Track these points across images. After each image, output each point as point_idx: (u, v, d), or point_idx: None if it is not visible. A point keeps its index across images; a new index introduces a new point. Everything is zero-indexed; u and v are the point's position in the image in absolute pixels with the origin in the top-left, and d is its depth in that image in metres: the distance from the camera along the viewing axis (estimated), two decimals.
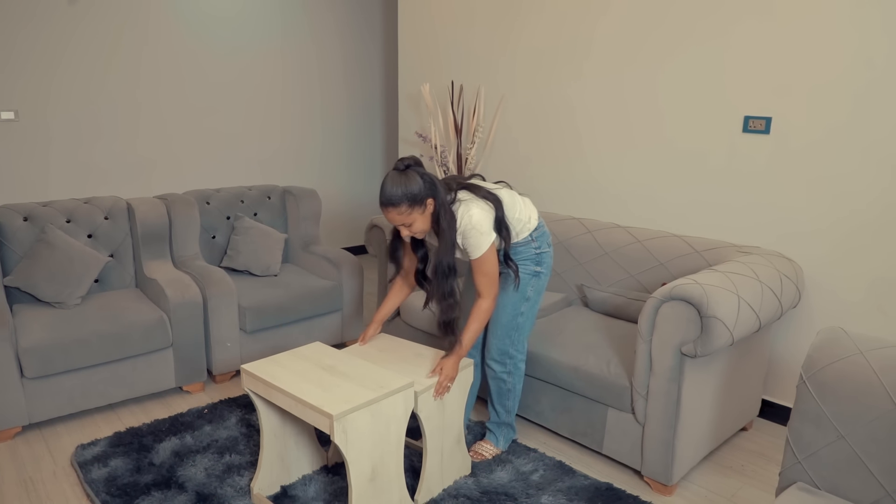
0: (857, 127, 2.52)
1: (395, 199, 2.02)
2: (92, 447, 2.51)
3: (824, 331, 1.75)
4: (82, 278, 2.96)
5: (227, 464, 2.40)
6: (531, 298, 2.36)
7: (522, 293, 2.34)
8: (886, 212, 2.49)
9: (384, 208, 2.05)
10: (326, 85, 5.29)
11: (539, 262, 2.34)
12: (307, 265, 3.72)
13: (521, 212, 2.28)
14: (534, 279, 2.34)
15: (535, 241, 2.33)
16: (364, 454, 1.91)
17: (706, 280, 2.19)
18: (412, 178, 2.04)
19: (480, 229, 2.11)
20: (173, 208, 3.30)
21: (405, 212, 2.05)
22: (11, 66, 3.79)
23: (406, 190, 2.02)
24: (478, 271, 2.17)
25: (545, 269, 2.36)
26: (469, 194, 2.17)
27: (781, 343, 2.85)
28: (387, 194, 2.03)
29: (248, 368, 2.12)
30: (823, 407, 1.63)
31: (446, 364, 2.16)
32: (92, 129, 4.15)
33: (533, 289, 2.35)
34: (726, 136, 2.88)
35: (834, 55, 2.53)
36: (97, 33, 4.06)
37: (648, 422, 2.30)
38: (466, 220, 2.10)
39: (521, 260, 2.32)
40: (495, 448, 2.54)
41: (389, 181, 2.04)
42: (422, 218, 2.09)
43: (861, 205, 2.55)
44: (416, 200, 2.04)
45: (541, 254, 2.34)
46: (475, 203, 2.14)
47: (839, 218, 2.61)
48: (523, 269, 2.32)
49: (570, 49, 3.40)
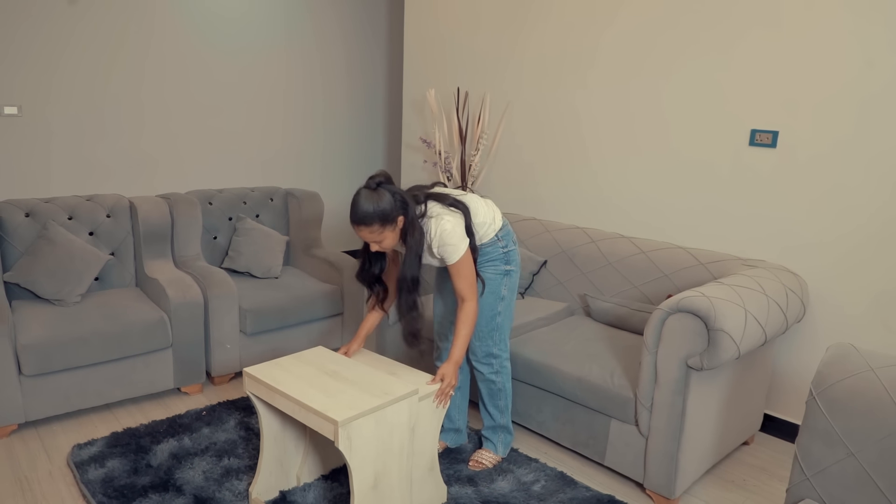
0: (864, 141, 2.52)
1: (367, 218, 2.04)
2: (89, 447, 2.48)
3: (834, 347, 1.75)
4: (83, 276, 2.93)
5: (226, 467, 2.38)
6: (506, 297, 2.39)
7: (497, 293, 2.37)
8: (891, 226, 2.49)
9: (356, 226, 2.08)
10: (329, 87, 5.28)
11: (508, 260, 2.37)
12: (308, 268, 3.70)
13: (486, 214, 2.32)
14: (506, 277, 2.37)
15: (502, 240, 2.36)
16: (367, 461, 1.89)
17: (713, 293, 2.18)
18: (383, 196, 2.06)
19: (454, 239, 2.15)
20: (176, 208, 3.28)
21: (377, 230, 2.07)
22: (12, 61, 3.76)
23: (377, 208, 2.04)
24: (457, 275, 2.20)
25: (515, 266, 2.40)
26: (438, 206, 2.20)
27: (784, 357, 2.84)
28: (359, 213, 2.05)
29: (251, 372, 2.10)
30: (833, 423, 1.61)
31: (447, 371, 2.15)
32: (95, 126, 4.13)
33: (506, 287, 2.38)
34: (732, 149, 2.88)
35: (840, 68, 2.53)
36: (101, 29, 4.04)
37: (652, 434, 2.28)
38: (440, 232, 2.14)
39: (491, 260, 2.34)
40: (495, 455, 2.52)
41: (362, 199, 2.05)
42: (392, 235, 2.12)
43: (865, 219, 2.55)
44: (387, 219, 2.06)
45: (508, 252, 2.37)
46: (446, 214, 2.18)
47: (844, 232, 2.61)
48: (494, 270, 2.35)
49: (577, 57, 3.40)
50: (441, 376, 2.15)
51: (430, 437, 2.13)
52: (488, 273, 2.34)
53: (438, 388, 2.12)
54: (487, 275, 2.34)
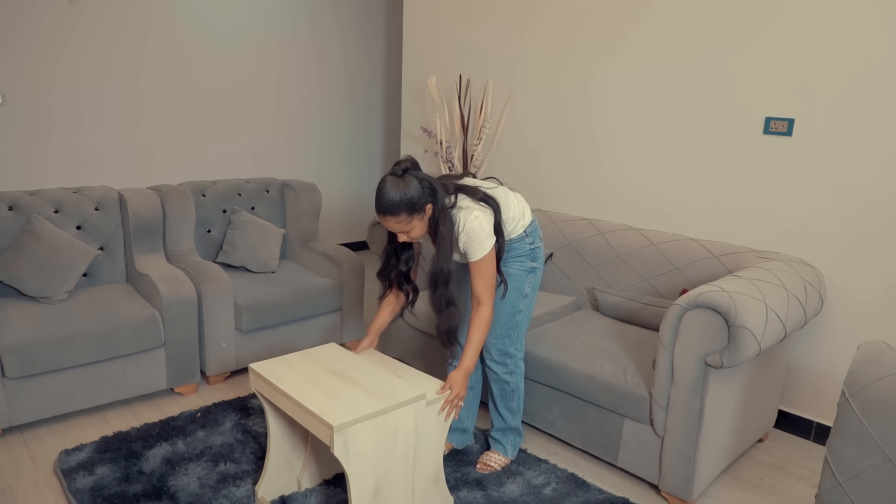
0: (883, 130, 2.41)
1: (393, 207, 1.92)
2: (77, 453, 2.36)
3: (865, 345, 1.65)
4: (70, 272, 2.81)
5: (222, 473, 2.27)
6: (528, 295, 2.28)
7: (520, 290, 2.26)
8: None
9: (382, 216, 1.95)
10: (325, 76, 5.15)
11: (534, 257, 2.27)
12: (306, 262, 3.58)
13: (515, 209, 2.20)
14: (530, 275, 2.26)
15: (529, 236, 2.25)
16: (367, 468, 1.79)
17: (733, 287, 2.07)
18: (410, 183, 1.94)
19: (481, 235, 2.03)
20: (167, 200, 3.15)
21: (404, 220, 1.94)
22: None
23: (405, 196, 1.91)
24: (477, 274, 2.07)
25: (539, 264, 2.30)
26: (468, 199, 2.08)
27: (799, 351, 2.75)
28: (385, 202, 1.92)
29: (257, 368, 2.00)
30: (868, 427, 1.52)
31: (456, 380, 2.03)
32: (90, 117, 4.00)
33: (530, 285, 2.28)
34: (746, 138, 2.77)
35: (859, 53, 2.42)
36: (95, 20, 3.90)
37: (668, 434, 2.18)
38: (468, 225, 2.02)
39: (517, 257, 2.23)
40: (504, 458, 2.42)
41: (388, 187, 1.92)
42: (420, 224, 1.99)
43: (883, 210, 2.44)
44: (415, 208, 1.94)
45: (535, 249, 2.27)
46: (476, 208, 2.06)
47: (862, 223, 2.50)
48: (519, 266, 2.24)
49: (588, 45, 3.28)
50: (450, 385, 2.03)
51: (435, 444, 2.01)
52: (514, 269, 2.22)
53: (445, 398, 2.00)
54: (513, 271, 2.22)
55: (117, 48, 4.05)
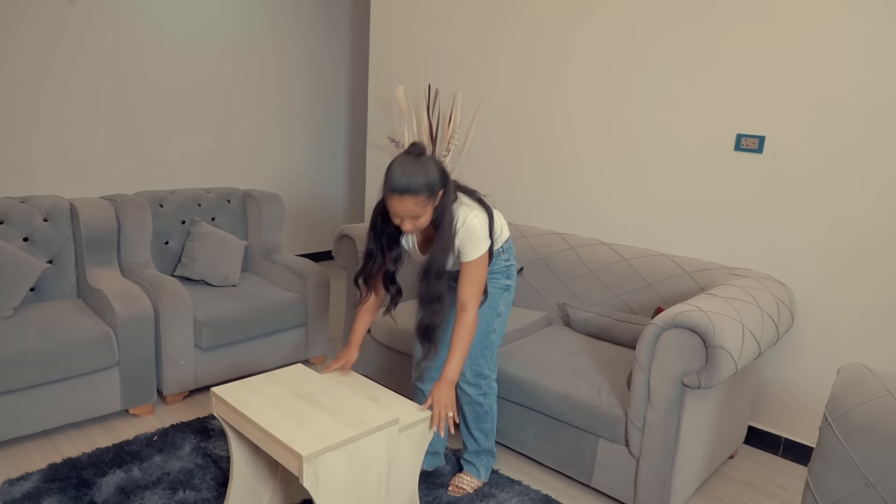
0: (854, 149, 2.44)
1: (414, 186, 1.81)
2: (22, 482, 2.20)
3: (846, 368, 1.64)
4: (15, 287, 2.64)
5: (182, 501, 2.14)
6: (503, 313, 2.23)
7: (494, 308, 2.20)
8: (882, 238, 2.42)
9: (400, 195, 1.83)
10: (286, 83, 5.02)
11: (509, 275, 2.22)
12: (268, 275, 3.46)
13: (498, 223, 2.16)
14: (505, 293, 2.21)
15: (505, 252, 2.21)
16: (337, 498, 1.70)
17: (709, 307, 2.06)
18: (429, 164, 1.87)
19: (480, 233, 1.97)
20: (122, 211, 3.00)
21: (422, 202, 1.85)
22: None
23: (427, 178, 1.84)
24: (468, 276, 1.99)
25: (513, 282, 2.25)
26: (467, 197, 2.04)
27: (768, 368, 2.76)
28: (405, 181, 1.81)
29: (219, 392, 1.89)
30: (851, 452, 1.50)
31: (440, 392, 1.93)
32: (29, 122, 3.80)
33: (504, 303, 2.22)
34: (717, 154, 2.78)
35: (834, 73, 2.45)
36: (36, 22, 3.71)
37: (644, 455, 2.15)
38: (470, 222, 1.96)
39: (493, 273, 2.18)
40: (477, 480, 2.35)
41: (410, 166, 1.83)
42: (430, 211, 1.91)
43: (854, 229, 2.48)
44: (433, 190, 1.86)
45: (509, 266, 2.23)
46: (475, 206, 2.01)
47: (832, 241, 2.53)
48: (495, 283, 2.19)
49: (553, 56, 3.26)
50: (434, 399, 1.93)
51: (410, 471, 1.93)
52: (490, 286, 2.16)
53: (433, 414, 1.91)
54: (489, 288, 2.16)
55: (58, 50, 3.85)
